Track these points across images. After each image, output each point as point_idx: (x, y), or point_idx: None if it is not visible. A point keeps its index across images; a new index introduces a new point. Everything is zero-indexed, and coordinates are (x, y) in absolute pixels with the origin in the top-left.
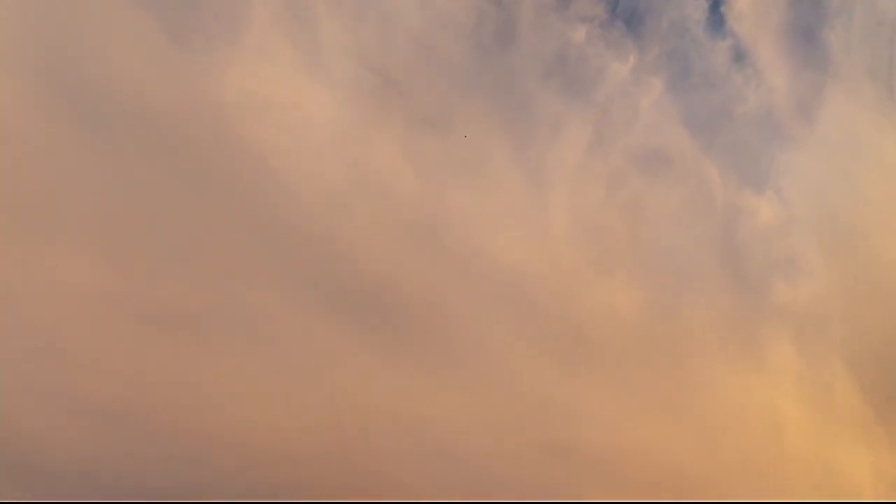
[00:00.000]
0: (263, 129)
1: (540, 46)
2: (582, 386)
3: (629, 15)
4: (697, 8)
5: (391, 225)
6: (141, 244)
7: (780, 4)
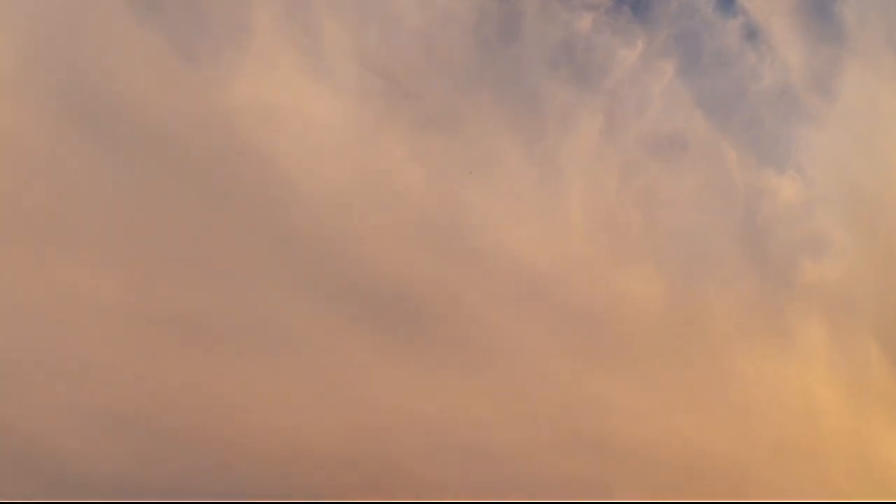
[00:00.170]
0: (271, 135)
1: (545, 38)
2: (607, 378)
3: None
4: None
5: (404, 225)
6: (157, 254)
7: None
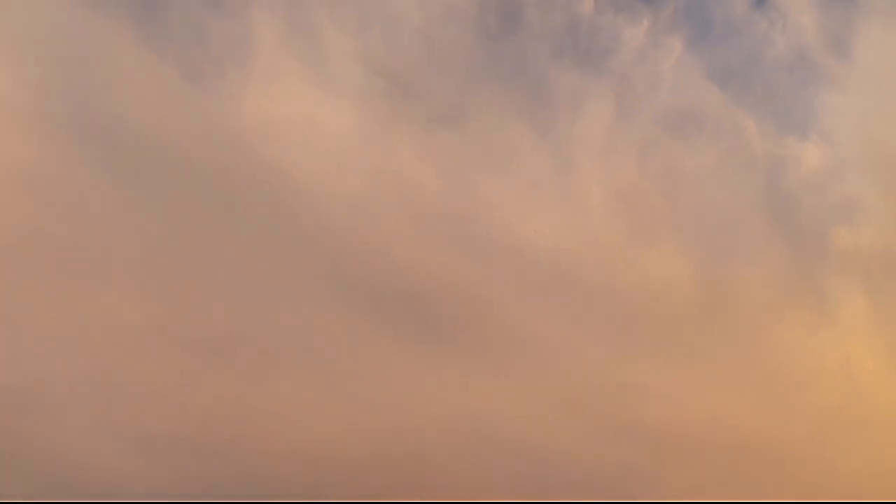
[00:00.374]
0: (284, 148)
1: (548, 24)
2: (641, 363)
3: None
4: None
5: (422, 225)
6: (182, 274)
7: None
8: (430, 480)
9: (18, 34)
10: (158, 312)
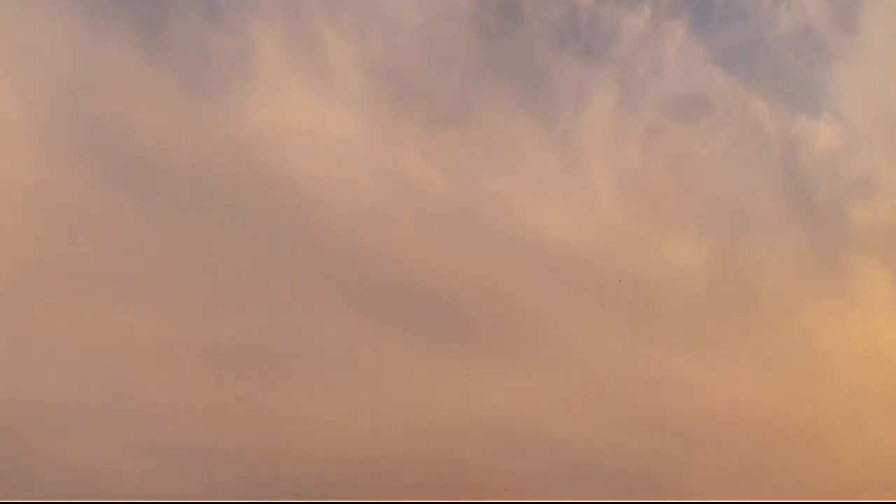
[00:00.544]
0: (291, 156)
1: (547, 17)
2: (664, 351)
3: None
4: None
5: (432, 225)
6: (196, 287)
7: None
8: (459, 479)
9: (25, 60)
10: (173, 325)
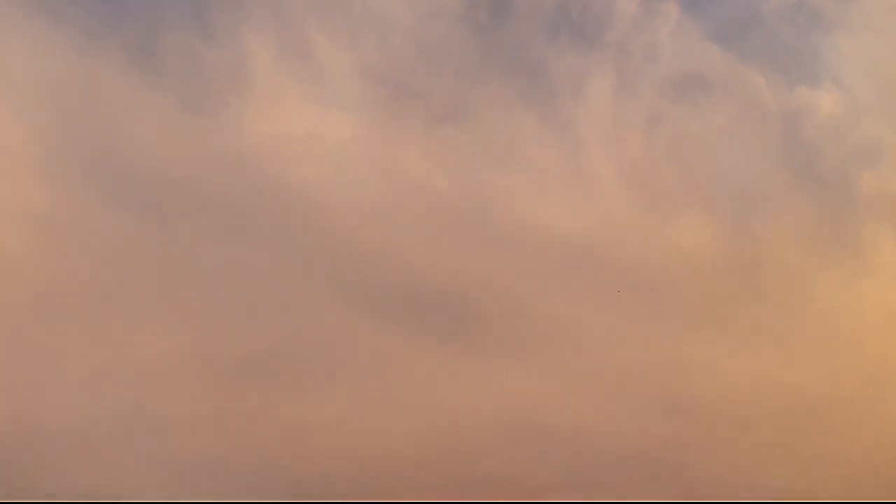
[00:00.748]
0: (292, 165)
1: (538, 7)
2: (677, 336)
3: None
4: None
5: (436, 224)
6: (210, 302)
7: None
8: (480, 474)
9: (24, 88)
10: (190, 341)
